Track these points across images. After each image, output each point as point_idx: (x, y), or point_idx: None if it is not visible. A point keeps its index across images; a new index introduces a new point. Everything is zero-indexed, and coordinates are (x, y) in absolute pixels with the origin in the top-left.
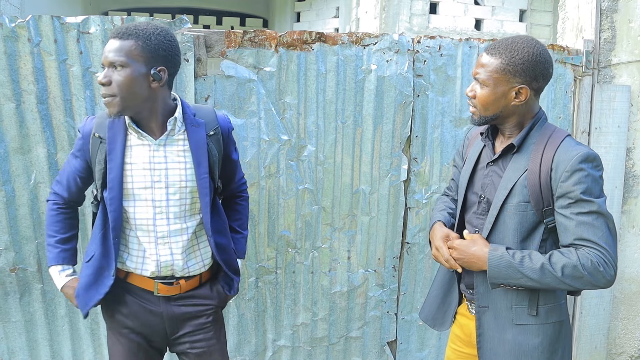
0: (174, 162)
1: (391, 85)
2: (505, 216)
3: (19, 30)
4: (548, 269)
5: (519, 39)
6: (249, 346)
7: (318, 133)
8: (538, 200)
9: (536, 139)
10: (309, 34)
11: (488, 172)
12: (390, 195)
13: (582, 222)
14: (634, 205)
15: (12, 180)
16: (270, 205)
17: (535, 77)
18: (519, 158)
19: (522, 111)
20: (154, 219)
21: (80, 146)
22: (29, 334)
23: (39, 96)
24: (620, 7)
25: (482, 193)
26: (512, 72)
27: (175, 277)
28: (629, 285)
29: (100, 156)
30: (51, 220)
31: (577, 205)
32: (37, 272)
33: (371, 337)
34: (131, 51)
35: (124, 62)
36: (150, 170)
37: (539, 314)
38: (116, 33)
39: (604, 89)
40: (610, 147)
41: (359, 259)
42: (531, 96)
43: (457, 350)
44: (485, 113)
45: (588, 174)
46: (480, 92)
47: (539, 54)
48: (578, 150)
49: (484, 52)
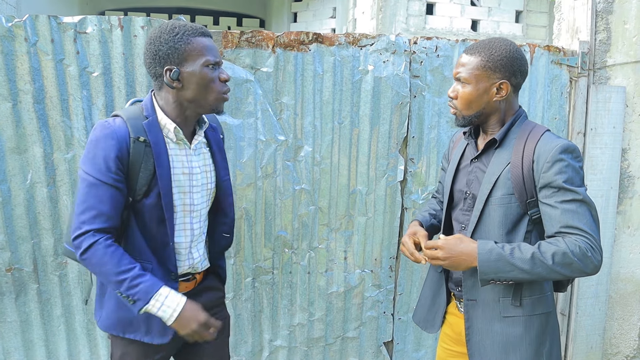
0: (204, 166)
1: (388, 86)
2: (491, 209)
3: (15, 29)
4: (538, 258)
5: (494, 39)
6: (245, 346)
7: (315, 133)
8: (522, 192)
9: (517, 134)
10: (306, 35)
11: (472, 168)
12: (387, 196)
13: (566, 209)
14: (629, 205)
15: (8, 180)
16: (267, 206)
17: (514, 73)
18: (501, 152)
19: (503, 107)
20: (190, 222)
21: (118, 153)
22: (25, 334)
23: (36, 96)
24: (616, 8)
25: (467, 189)
26: (492, 68)
27: (191, 274)
28: (624, 286)
29: (147, 161)
30: (117, 256)
31: (560, 194)
32: (33, 272)
33: (368, 337)
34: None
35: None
36: (189, 175)
37: (525, 306)
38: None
39: (600, 90)
40: (605, 148)
41: (356, 259)
42: (511, 92)
43: (448, 349)
44: (468, 112)
45: (568, 164)
46: (462, 90)
47: (515, 51)
48: (558, 142)
49: (463, 53)
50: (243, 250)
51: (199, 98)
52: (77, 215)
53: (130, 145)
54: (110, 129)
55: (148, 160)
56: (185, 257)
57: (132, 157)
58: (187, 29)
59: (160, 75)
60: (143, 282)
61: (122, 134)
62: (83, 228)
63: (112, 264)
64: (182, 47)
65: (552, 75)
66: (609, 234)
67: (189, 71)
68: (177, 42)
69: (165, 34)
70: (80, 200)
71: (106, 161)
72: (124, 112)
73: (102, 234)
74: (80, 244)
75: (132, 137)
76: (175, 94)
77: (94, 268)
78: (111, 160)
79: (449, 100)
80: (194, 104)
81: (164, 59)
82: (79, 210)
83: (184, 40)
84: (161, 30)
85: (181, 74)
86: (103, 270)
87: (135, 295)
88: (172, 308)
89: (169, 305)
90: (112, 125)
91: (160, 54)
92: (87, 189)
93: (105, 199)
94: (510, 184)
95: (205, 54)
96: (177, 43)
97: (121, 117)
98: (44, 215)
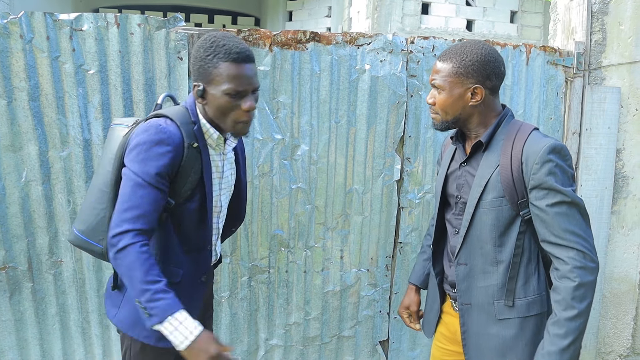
0: (230, 169)
1: (385, 85)
2: (482, 213)
3: (11, 26)
4: (566, 317)
5: (467, 43)
6: (241, 345)
7: (312, 132)
8: (512, 194)
9: (504, 135)
10: (303, 34)
11: (461, 172)
12: (384, 195)
13: (557, 213)
14: (624, 205)
15: (2, 178)
16: (263, 205)
17: (488, 76)
18: (489, 155)
19: (481, 110)
20: (217, 222)
21: (171, 159)
22: (19, 333)
23: (31, 93)
24: (611, 9)
25: (458, 194)
26: (464, 74)
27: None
28: (618, 285)
29: (196, 166)
30: (147, 264)
31: (550, 195)
32: (28, 271)
33: (363, 336)
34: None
35: None
36: (220, 179)
37: (519, 307)
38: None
39: (595, 90)
40: (600, 148)
41: (352, 258)
42: (487, 95)
43: (442, 347)
44: (446, 117)
45: (557, 164)
46: (438, 97)
47: (488, 54)
48: (545, 142)
49: (437, 59)
50: (239, 249)
51: (218, 119)
52: (119, 212)
53: (184, 151)
54: (166, 133)
55: (197, 165)
56: (212, 256)
57: (184, 163)
58: (221, 50)
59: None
60: (164, 298)
61: (177, 140)
62: (124, 226)
63: (142, 271)
64: (210, 69)
65: (548, 75)
66: (604, 233)
67: (212, 93)
68: (207, 63)
69: (202, 50)
70: (124, 198)
71: (157, 166)
72: (173, 115)
73: (141, 237)
74: (118, 242)
75: (187, 143)
76: (203, 107)
77: (122, 270)
78: (163, 167)
79: (429, 106)
80: (215, 122)
81: (195, 74)
82: (122, 207)
83: (213, 62)
84: (202, 44)
85: (206, 92)
86: (130, 275)
87: (152, 310)
88: (184, 335)
89: (182, 332)
90: (167, 129)
91: (195, 67)
92: (134, 188)
93: (150, 201)
94: (500, 187)
95: (228, 81)
96: (206, 64)
97: (173, 121)
98: (39, 214)
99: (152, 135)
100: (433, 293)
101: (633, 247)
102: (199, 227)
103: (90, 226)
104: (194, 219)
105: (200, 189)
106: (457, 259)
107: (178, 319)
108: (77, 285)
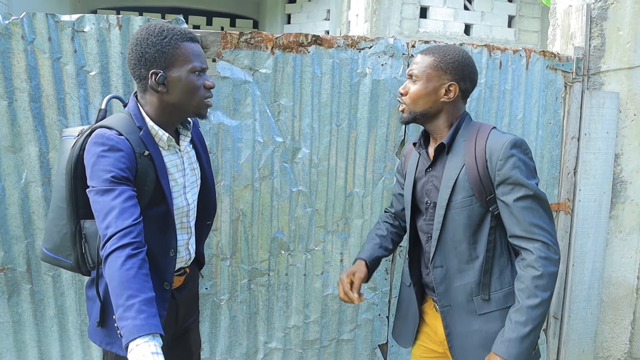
0: (191, 165)
1: (386, 88)
2: (453, 214)
3: (12, 27)
4: (529, 305)
5: (450, 45)
6: (240, 348)
7: (312, 135)
8: (481, 192)
9: (465, 136)
10: (305, 37)
11: (428, 178)
12: (384, 199)
13: (521, 207)
14: (622, 210)
15: (2, 179)
16: (263, 207)
17: (464, 78)
18: (452, 157)
19: (449, 110)
20: (188, 221)
21: (126, 164)
22: (17, 335)
23: (32, 94)
24: (610, 15)
25: (428, 199)
26: (444, 69)
27: (183, 268)
28: (615, 290)
29: (151, 175)
30: (126, 276)
31: (515, 190)
32: (27, 273)
33: (362, 339)
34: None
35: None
36: (183, 177)
37: (496, 300)
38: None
39: (594, 95)
40: (599, 153)
41: (352, 261)
42: (459, 96)
43: (423, 346)
44: (415, 108)
45: (519, 158)
46: (412, 87)
47: (467, 57)
48: (506, 138)
49: (418, 53)
50: (239, 252)
51: (183, 103)
52: (100, 225)
53: (137, 160)
54: (114, 140)
55: (152, 173)
56: (184, 254)
57: (139, 173)
58: (176, 32)
59: (144, 78)
60: (132, 318)
61: (128, 149)
62: (108, 232)
63: (118, 283)
64: (170, 51)
65: (547, 80)
66: (602, 238)
67: (174, 76)
68: (165, 46)
69: (154, 37)
70: (98, 213)
71: (115, 170)
72: (117, 125)
73: (127, 239)
74: (104, 250)
75: (137, 152)
76: (160, 97)
77: (107, 280)
78: (121, 170)
79: (399, 96)
80: (178, 108)
81: (150, 61)
82: (100, 219)
83: (172, 44)
84: (149, 32)
85: (167, 78)
86: (110, 287)
87: (122, 329)
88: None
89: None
90: (115, 138)
91: (147, 56)
92: (102, 197)
93: (124, 199)
94: (468, 186)
95: (192, 60)
96: (165, 47)
97: (117, 131)
98: (38, 215)
99: (99, 145)
100: (407, 298)
101: (631, 251)
102: (162, 232)
103: (55, 244)
104: (156, 226)
105: (160, 194)
106: (433, 263)
107: (142, 350)
108: (76, 287)
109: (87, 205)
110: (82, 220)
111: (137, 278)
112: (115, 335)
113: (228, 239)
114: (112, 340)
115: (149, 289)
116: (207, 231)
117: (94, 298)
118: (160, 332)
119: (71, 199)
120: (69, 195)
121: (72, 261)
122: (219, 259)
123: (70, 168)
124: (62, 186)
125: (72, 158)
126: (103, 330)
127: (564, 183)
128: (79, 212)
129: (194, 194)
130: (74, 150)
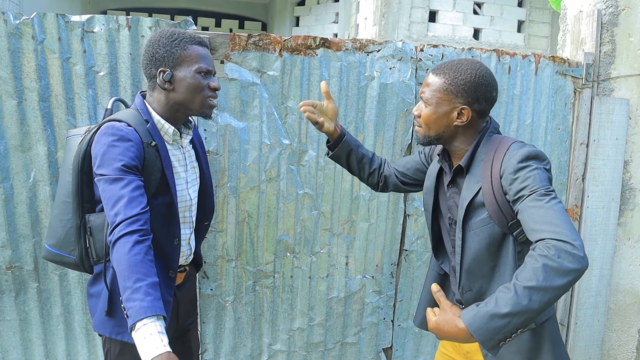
0: (192, 162)
1: (393, 92)
2: (473, 234)
3: (23, 27)
4: (522, 286)
5: (464, 61)
6: (244, 350)
7: (319, 138)
8: (501, 218)
9: (484, 154)
10: (313, 39)
11: (450, 193)
12: (390, 202)
13: (533, 206)
14: (630, 217)
15: (11, 178)
16: (269, 209)
17: (477, 99)
18: (470, 179)
19: (465, 132)
20: (190, 216)
21: (135, 153)
22: (23, 333)
23: (41, 94)
24: (621, 21)
25: (450, 215)
26: (454, 93)
27: (182, 265)
28: (623, 297)
29: (157, 165)
30: (134, 261)
31: (529, 198)
32: (34, 271)
33: (367, 343)
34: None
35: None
36: (185, 172)
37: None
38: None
39: (603, 101)
40: (608, 160)
41: (357, 265)
42: (474, 118)
43: (446, 354)
44: (428, 132)
45: (533, 168)
46: (424, 110)
47: (482, 76)
48: (518, 153)
49: (430, 72)
50: (244, 254)
51: (188, 101)
52: (108, 213)
53: (145, 150)
54: (123, 131)
55: (158, 163)
56: (185, 249)
57: (146, 162)
58: (186, 36)
59: (154, 76)
60: (140, 299)
61: (137, 139)
62: (117, 219)
63: (126, 267)
64: (178, 52)
65: (556, 85)
66: (610, 245)
67: (181, 75)
68: (174, 47)
69: (165, 38)
70: (107, 200)
71: (125, 160)
72: (125, 118)
73: (135, 226)
74: (112, 236)
75: (145, 142)
76: (167, 95)
77: (114, 264)
78: (130, 159)
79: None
80: (183, 106)
81: (160, 61)
82: (109, 207)
83: (181, 46)
84: (161, 35)
85: (173, 77)
86: (117, 270)
87: (128, 310)
88: (147, 350)
89: (147, 346)
90: (124, 129)
91: (157, 56)
92: (111, 186)
93: (132, 188)
94: (485, 210)
95: (199, 61)
96: (174, 48)
97: (127, 123)
98: (46, 214)
99: (110, 136)
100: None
101: (639, 259)
102: (167, 223)
103: (59, 239)
104: (161, 215)
105: (165, 185)
106: (461, 289)
107: (149, 329)
108: (82, 286)
109: (92, 200)
110: (87, 214)
111: (144, 263)
112: (125, 324)
113: (234, 240)
114: (122, 330)
115: (154, 274)
116: (204, 232)
117: (97, 294)
118: (164, 314)
119: (77, 192)
120: (75, 189)
121: (75, 256)
122: (224, 260)
123: (77, 163)
124: (68, 181)
125: (80, 153)
126: (112, 320)
127: (572, 189)
128: (84, 206)
129: (194, 190)
130: (81, 145)
